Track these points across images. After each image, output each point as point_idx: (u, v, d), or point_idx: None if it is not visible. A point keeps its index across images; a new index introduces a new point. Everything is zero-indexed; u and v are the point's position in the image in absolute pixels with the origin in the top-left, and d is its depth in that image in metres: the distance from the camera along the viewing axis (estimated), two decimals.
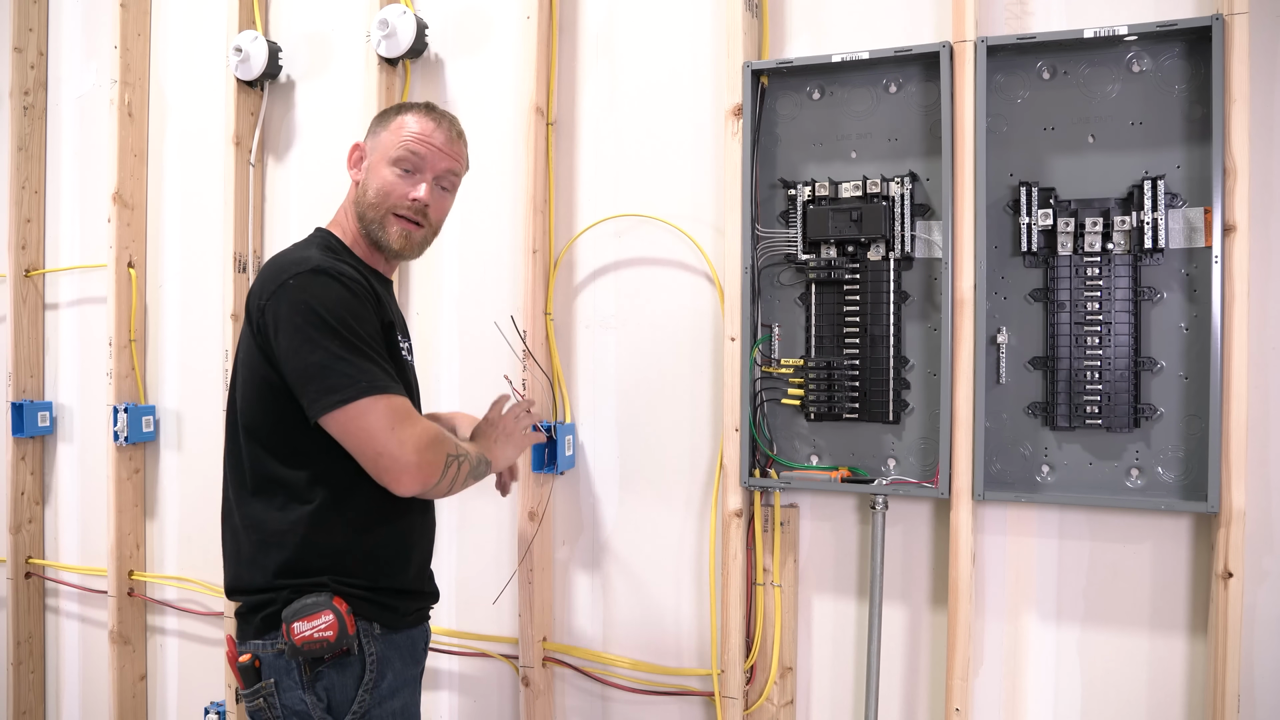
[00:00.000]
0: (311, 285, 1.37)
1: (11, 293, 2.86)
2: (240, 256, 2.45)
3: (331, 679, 1.40)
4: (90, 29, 2.83)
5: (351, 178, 1.58)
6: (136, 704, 2.70)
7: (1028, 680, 1.76)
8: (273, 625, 1.41)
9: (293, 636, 1.37)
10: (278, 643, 1.40)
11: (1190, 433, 1.62)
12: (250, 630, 1.45)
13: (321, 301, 1.36)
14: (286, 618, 1.38)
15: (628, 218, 2.07)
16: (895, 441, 1.82)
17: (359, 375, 1.34)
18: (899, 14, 1.84)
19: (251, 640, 1.44)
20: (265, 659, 1.41)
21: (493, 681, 2.22)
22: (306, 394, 1.35)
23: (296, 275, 1.38)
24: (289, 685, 1.40)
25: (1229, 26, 1.53)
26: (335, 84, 2.41)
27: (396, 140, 1.53)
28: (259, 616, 1.43)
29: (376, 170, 1.53)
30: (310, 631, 1.37)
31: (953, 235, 1.71)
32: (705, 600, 2.00)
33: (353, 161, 1.58)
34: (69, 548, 2.89)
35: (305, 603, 1.39)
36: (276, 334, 1.36)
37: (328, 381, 1.33)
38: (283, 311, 1.35)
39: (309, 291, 1.36)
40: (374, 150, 1.55)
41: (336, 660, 1.40)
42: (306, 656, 1.38)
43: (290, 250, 1.50)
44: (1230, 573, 1.53)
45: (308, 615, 1.37)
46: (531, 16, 2.07)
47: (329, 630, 1.37)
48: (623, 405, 2.08)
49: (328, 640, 1.37)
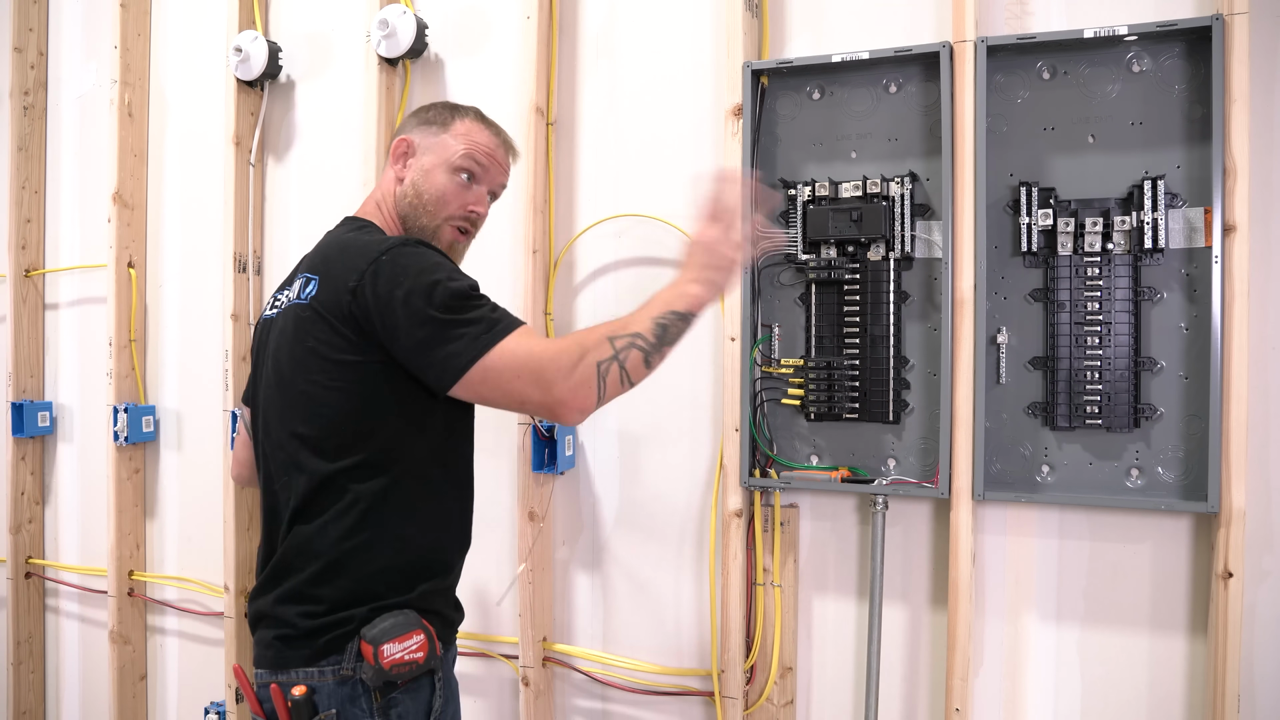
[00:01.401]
0: (404, 256, 1.27)
1: (11, 293, 2.86)
2: (240, 256, 2.45)
3: (405, 705, 1.28)
4: (90, 29, 2.83)
5: (394, 173, 1.48)
6: (136, 704, 2.70)
7: (1028, 680, 1.76)
8: (336, 649, 1.27)
9: (381, 660, 1.23)
10: (342, 668, 1.26)
11: (1190, 433, 1.62)
12: (300, 657, 1.28)
13: (422, 268, 1.26)
14: (374, 639, 1.24)
15: (628, 218, 2.07)
16: (895, 441, 1.82)
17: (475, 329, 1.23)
18: (899, 14, 1.84)
19: (300, 669, 1.28)
20: (323, 688, 1.26)
21: (493, 681, 2.22)
22: (431, 367, 1.24)
23: (388, 251, 1.28)
24: (355, 714, 1.26)
25: (1229, 26, 1.53)
26: (335, 84, 2.41)
27: (462, 148, 1.45)
28: (323, 640, 1.27)
29: (434, 174, 1.44)
30: (401, 654, 1.25)
31: (953, 235, 1.71)
32: (705, 600, 2.00)
33: (397, 155, 1.48)
34: (69, 548, 2.89)
35: (393, 621, 1.26)
36: (383, 313, 1.25)
37: (447, 347, 1.22)
38: (383, 288, 1.25)
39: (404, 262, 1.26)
40: (429, 151, 1.46)
41: (410, 684, 1.29)
42: (387, 681, 1.25)
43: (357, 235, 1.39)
44: (1230, 573, 1.53)
45: (398, 636, 1.25)
46: (531, 16, 2.07)
47: (420, 651, 1.26)
48: (623, 405, 2.08)
49: (417, 662, 1.26)
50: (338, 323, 1.28)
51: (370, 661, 1.24)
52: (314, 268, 1.36)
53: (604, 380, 1.25)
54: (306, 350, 1.31)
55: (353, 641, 1.27)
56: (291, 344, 1.34)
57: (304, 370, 1.32)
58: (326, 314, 1.29)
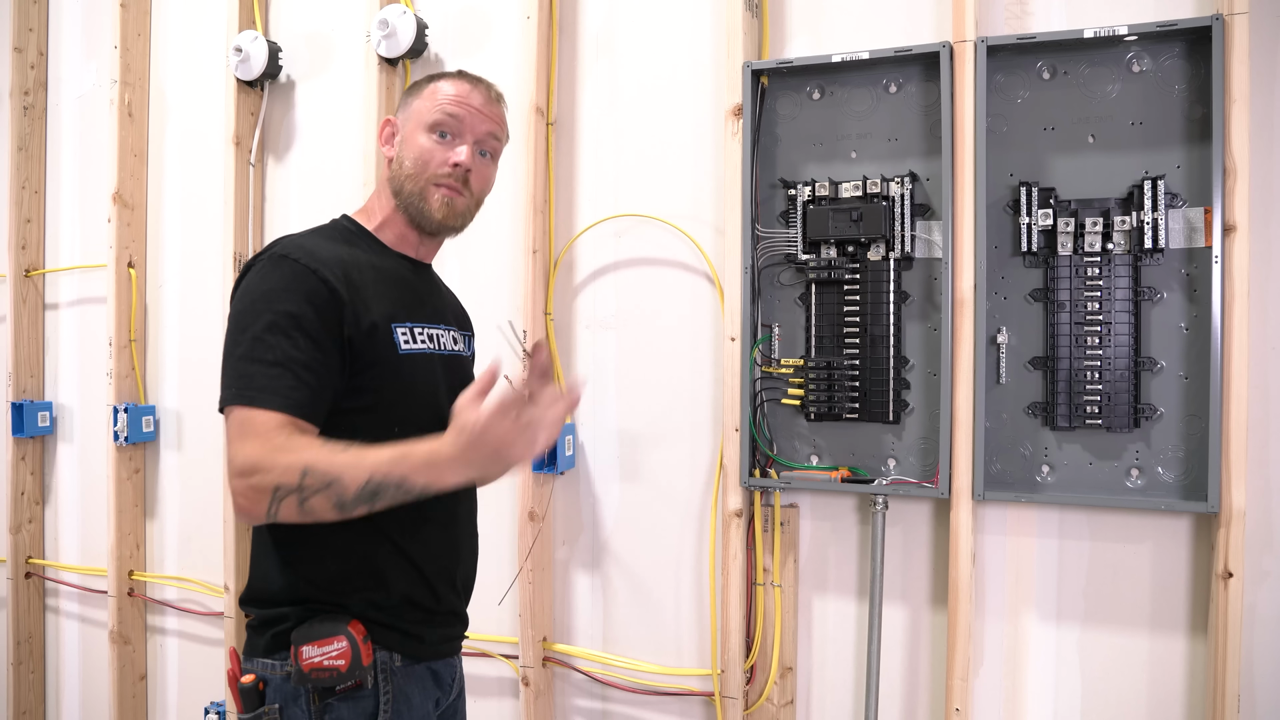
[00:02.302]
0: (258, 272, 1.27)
1: (11, 293, 2.86)
2: (240, 256, 2.45)
3: (340, 712, 1.25)
4: (90, 29, 2.83)
5: (384, 155, 1.45)
6: (136, 704, 2.70)
7: (1028, 680, 1.76)
8: (283, 645, 1.26)
9: (300, 661, 1.22)
10: (286, 664, 1.25)
11: (1190, 433, 1.62)
12: (258, 647, 1.30)
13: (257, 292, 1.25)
14: (295, 640, 1.24)
15: (628, 218, 2.07)
16: (895, 441, 1.82)
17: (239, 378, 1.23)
18: (899, 14, 1.84)
19: (259, 659, 1.29)
20: (272, 681, 1.26)
21: (493, 681, 2.22)
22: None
23: (256, 259, 1.29)
24: (295, 714, 1.25)
25: (1229, 26, 1.53)
26: (335, 84, 2.41)
27: (432, 105, 1.40)
28: (270, 633, 1.28)
29: (412, 140, 1.40)
30: (320, 658, 1.22)
31: (953, 235, 1.71)
32: (705, 600, 2.00)
33: (385, 137, 1.44)
34: (69, 548, 2.89)
35: (320, 626, 1.24)
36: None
37: (223, 379, 1.25)
38: (238, 294, 1.29)
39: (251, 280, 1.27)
40: (407, 121, 1.42)
41: (350, 692, 1.25)
42: (314, 685, 1.23)
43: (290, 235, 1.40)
44: (1230, 573, 1.53)
45: (319, 640, 1.23)
46: (531, 16, 2.07)
47: (340, 659, 1.23)
48: (623, 405, 2.08)
49: (338, 670, 1.23)
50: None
51: (292, 661, 1.24)
52: None
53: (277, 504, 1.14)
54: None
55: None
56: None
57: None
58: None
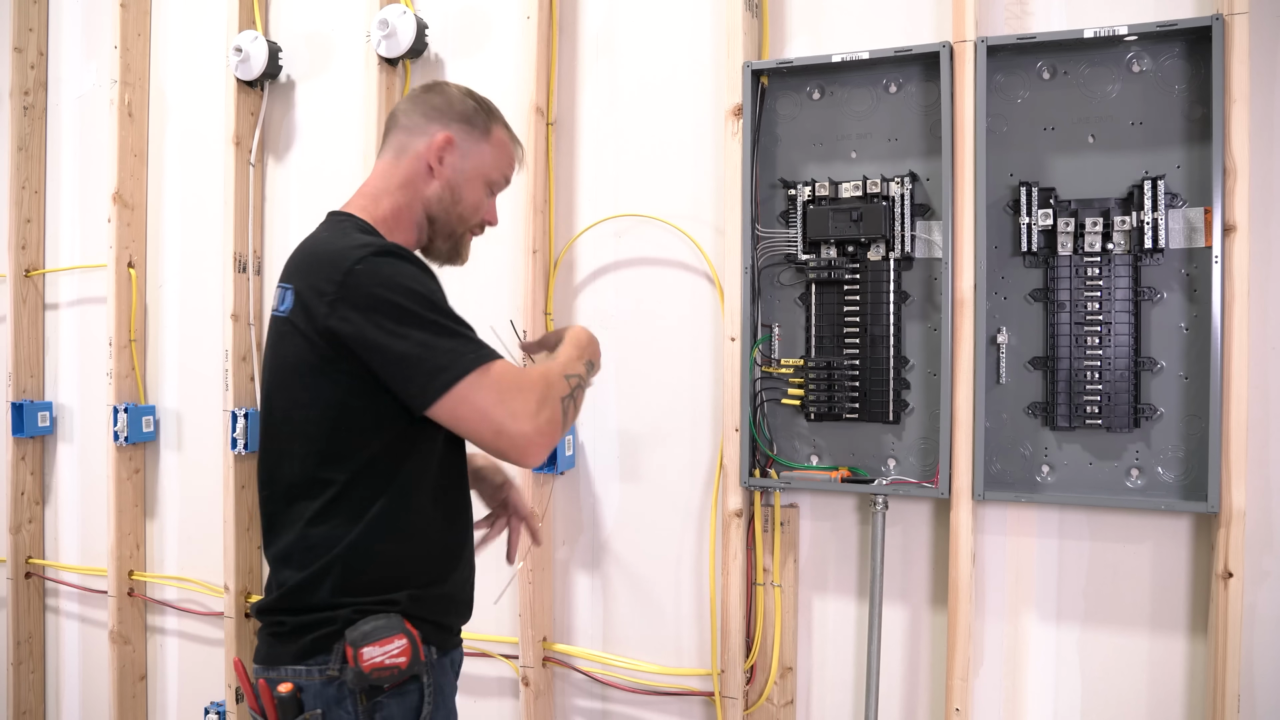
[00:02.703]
0: (382, 268, 1.23)
1: (11, 293, 2.86)
2: (240, 256, 2.45)
3: (391, 709, 1.27)
4: (90, 29, 2.83)
5: (427, 161, 1.39)
6: (136, 704, 2.70)
7: (1028, 680, 1.76)
8: (323, 649, 1.26)
9: (361, 663, 1.22)
10: (328, 668, 1.25)
11: (1190, 433, 1.62)
12: (289, 654, 1.28)
13: (398, 283, 1.23)
14: (354, 641, 1.23)
15: (628, 218, 2.07)
16: (895, 441, 1.82)
17: (456, 351, 1.21)
18: (899, 14, 1.84)
19: (289, 666, 1.27)
20: (311, 687, 1.25)
21: (492, 681, 2.22)
22: (408, 385, 1.22)
23: (362, 260, 1.23)
24: (341, 715, 1.25)
25: (1229, 26, 1.53)
26: (335, 84, 2.41)
27: (502, 164, 1.45)
28: (309, 638, 1.27)
29: (474, 184, 1.42)
30: (382, 658, 1.23)
31: (953, 235, 1.71)
32: (705, 600, 2.00)
33: (437, 151, 1.39)
34: (69, 548, 2.89)
35: (375, 625, 1.25)
36: (358, 328, 1.22)
37: (425, 367, 1.20)
38: (360, 303, 1.22)
39: (380, 276, 1.23)
40: (470, 157, 1.41)
41: (397, 689, 1.27)
42: (370, 684, 1.24)
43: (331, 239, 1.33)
44: (1230, 573, 1.53)
45: (379, 640, 1.23)
46: (531, 16, 2.07)
47: (402, 656, 1.24)
48: (623, 405, 2.08)
49: (399, 667, 1.24)
50: (315, 336, 1.25)
51: (350, 664, 1.23)
52: (289, 277, 1.32)
53: (566, 419, 1.28)
54: (287, 367, 1.31)
55: (338, 642, 1.26)
56: (272, 358, 1.34)
57: (284, 387, 1.32)
58: (303, 327, 1.26)
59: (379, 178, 1.42)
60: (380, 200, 1.40)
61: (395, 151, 1.42)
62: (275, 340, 1.34)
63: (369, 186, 1.42)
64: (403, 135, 1.41)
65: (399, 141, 1.42)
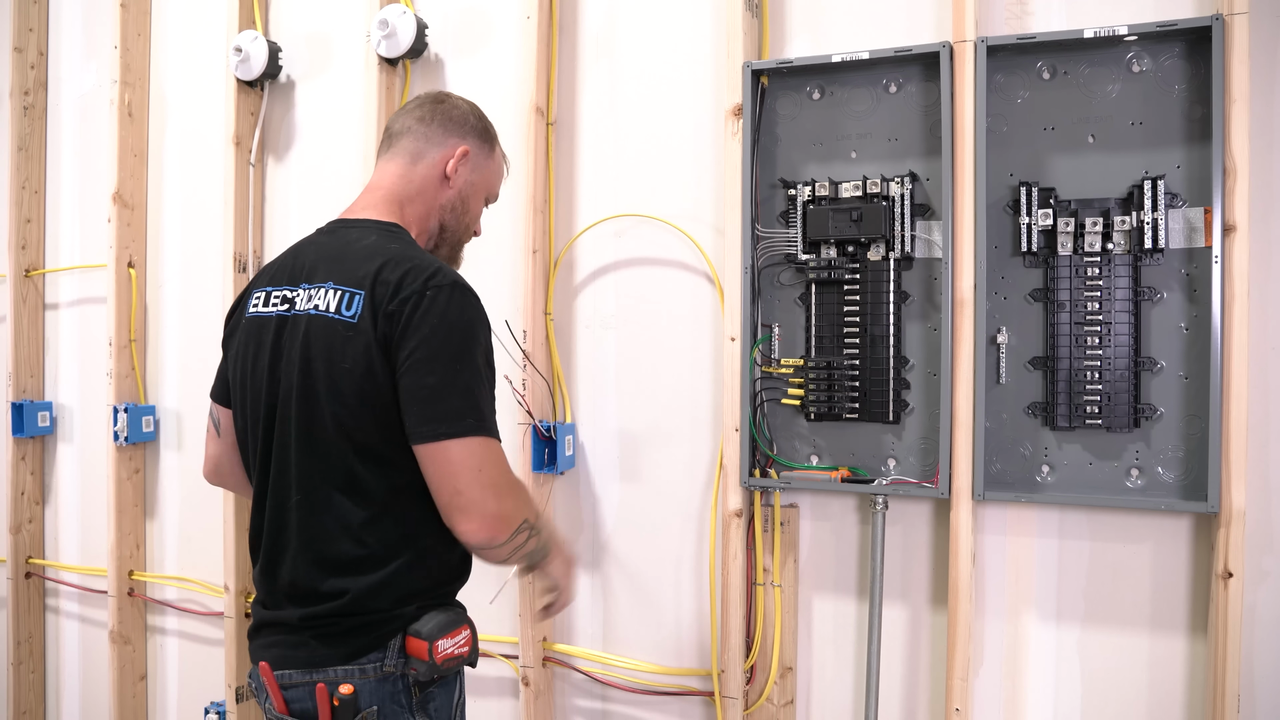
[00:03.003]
0: (463, 305, 1.27)
1: (11, 293, 2.86)
2: (240, 256, 2.45)
3: (440, 699, 1.32)
4: (90, 29, 2.83)
5: (446, 171, 1.43)
6: (136, 704, 2.70)
7: (1028, 680, 1.76)
8: (376, 645, 1.28)
9: (436, 655, 1.26)
10: (385, 665, 1.28)
11: (1190, 433, 1.62)
12: (339, 655, 1.28)
13: (470, 326, 1.27)
14: (429, 635, 1.27)
15: (628, 218, 2.07)
16: (895, 441, 1.82)
17: (472, 412, 1.24)
18: (899, 14, 1.84)
19: (337, 667, 1.28)
20: (364, 686, 1.27)
21: (492, 681, 2.22)
22: (417, 414, 1.23)
23: (448, 287, 1.26)
24: (395, 711, 1.28)
25: (1229, 26, 1.53)
26: (335, 84, 2.41)
27: (497, 181, 1.54)
28: (371, 636, 1.28)
29: (478, 196, 1.50)
30: (452, 649, 1.29)
31: (953, 235, 1.71)
32: (705, 600, 2.00)
33: (456, 163, 1.43)
34: (69, 548, 2.89)
35: (445, 618, 1.30)
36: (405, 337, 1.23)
37: (440, 409, 1.22)
38: (422, 321, 1.23)
39: (456, 310, 1.26)
40: (481, 170, 1.48)
41: (444, 679, 1.32)
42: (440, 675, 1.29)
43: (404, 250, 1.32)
44: (1230, 573, 1.53)
45: (450, 631, 1.29)
46: (531, 16, 2.07)
47: (466, 645, 1.31)
48: (623, 405, 2.08)
49: (463, 655, 1.30)
50: (373, 343, 1.25)
51: (424, 658, 1.26)
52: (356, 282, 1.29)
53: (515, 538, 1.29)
54: (343, 371, 1.27)
55: (395, 639, 1.28)
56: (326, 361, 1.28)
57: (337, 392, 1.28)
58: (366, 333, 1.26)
59: (398, 181, 1.43)
60: (405, 207, 1.42)
61: (411, 157, 1.43)
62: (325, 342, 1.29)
63: (387, 190, 1.42)
64: (419, 143, 1.43)
65: (414, 148, 1.43)
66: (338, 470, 1.29)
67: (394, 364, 1.25)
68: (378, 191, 1.43)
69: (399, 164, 1.43)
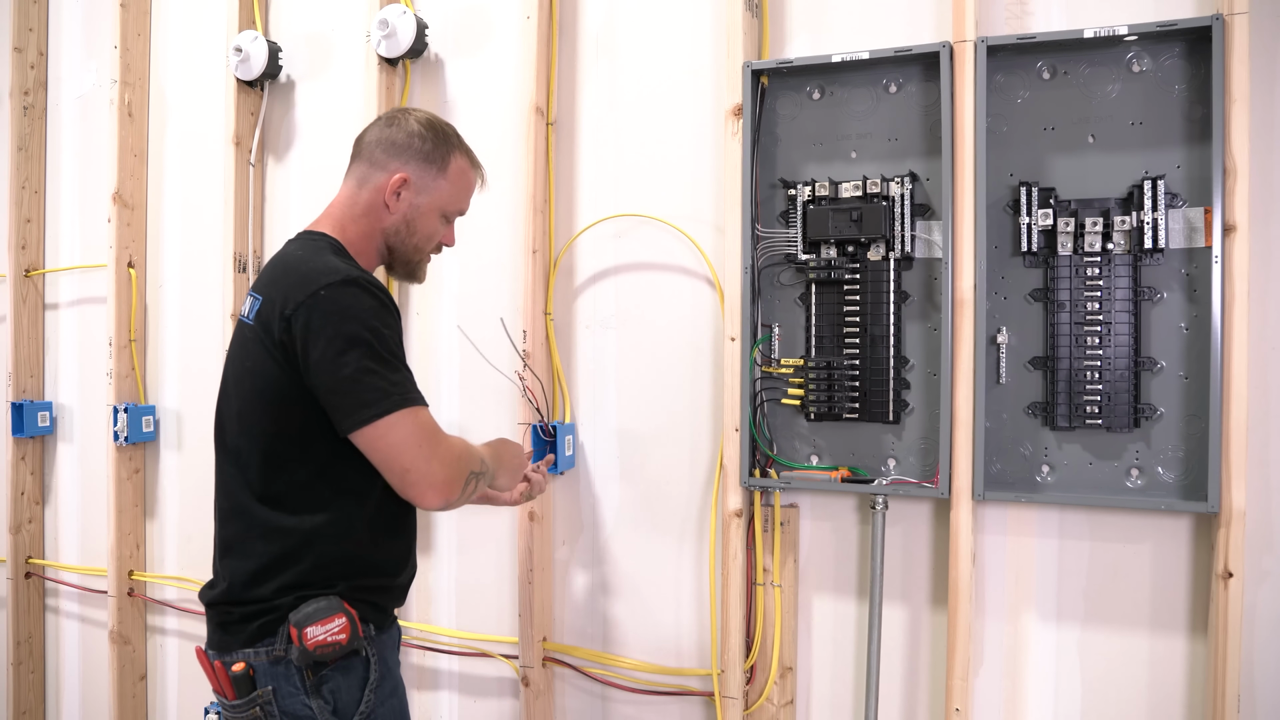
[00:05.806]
0: (343, 297, 1.35)
1: (11, 293, 2.86)
2: (240, 256, 2.45)
3: (337, 681, 1.41)
4: (90, 29, 2.83)
5: (384, 199, 1.51)
6: (136, 704, 2.70)
7: (1028, 680, 1.76)
8: (269, 632, 1.40)
9: (305, 641, 1.36)
10: (275, 649, 1.39)
11: (1190, 433, 1.62)
12: (239, 639, 1.42)
13: (355, 313, 1.34)
14: (298, 623, 1.37)
15: (627, 218, 2.07)
16: (895, 441, 1.82)
17: (390, 389, 1.33)
18: (899, 14, 1.84)
19: (240, 649, 1.41)
20: (260, 666, 1.40)
21: (492, 681, 2.22)
22: (339, 408, 1.34)
23: (328, 286, 1.35)
24: (289, 691, 1.39)
25: (1229, 26, 1.53)
26: (335, 84, 2.41)
27: (458, 197, 1.57)
28: (256, 624, 1.41)
29: (428, 217, 1.54)
30: (324, 636, 1.37)
31: (953, 235, 1.71)
32: (705, 600, 2.00)
33: (394, 189, 1.50)
34: (69, 548, 2.89)
35: (316, 607, 1.38)
36: (306, 346, 1.34)
37: (360, 396, 1.32)
38: (314, 323, 1.33)
39: (341, 303, 1.34)
40: (426, 192, 1.52)
41: (341, 663, 1.41)
42: (315, 660, 1.38)
43: (306, 257, 1.44)
44: (1230, 573, 1.53)
45: (321, 620, 1.37)
46: (531, 16, 2.07)
47: (342, 634, 1.38)
48: (623, 405, 2.08)
49: (340, 644, 1.38)
50: (272, 347, 1.37)
51: (295, 644, 1.37)
52: (260, 288, 1.44)
53: (467, 487, 1.42)
54: (245, 370, 1.43)
55: (283, 626, 1.39)
56: (236, 361, 1.47)
57: (240, 390, 1.45)
58: (264, 336, 1.38)
59: (343, 203, 1.54)
60: (346, 226, 1.52)
61: (358, 181, 1.53)
62: (239, 344, 1.47)
63: (335, 210, 1.54)
64: (365, 166, 1.53)
65: (361, 172, 1.53)
66: (245, 464, 1.44)
67: (307, 368, 1.34)
68: (331, 209, 1.54)
69: (348, 187, 1.55)
